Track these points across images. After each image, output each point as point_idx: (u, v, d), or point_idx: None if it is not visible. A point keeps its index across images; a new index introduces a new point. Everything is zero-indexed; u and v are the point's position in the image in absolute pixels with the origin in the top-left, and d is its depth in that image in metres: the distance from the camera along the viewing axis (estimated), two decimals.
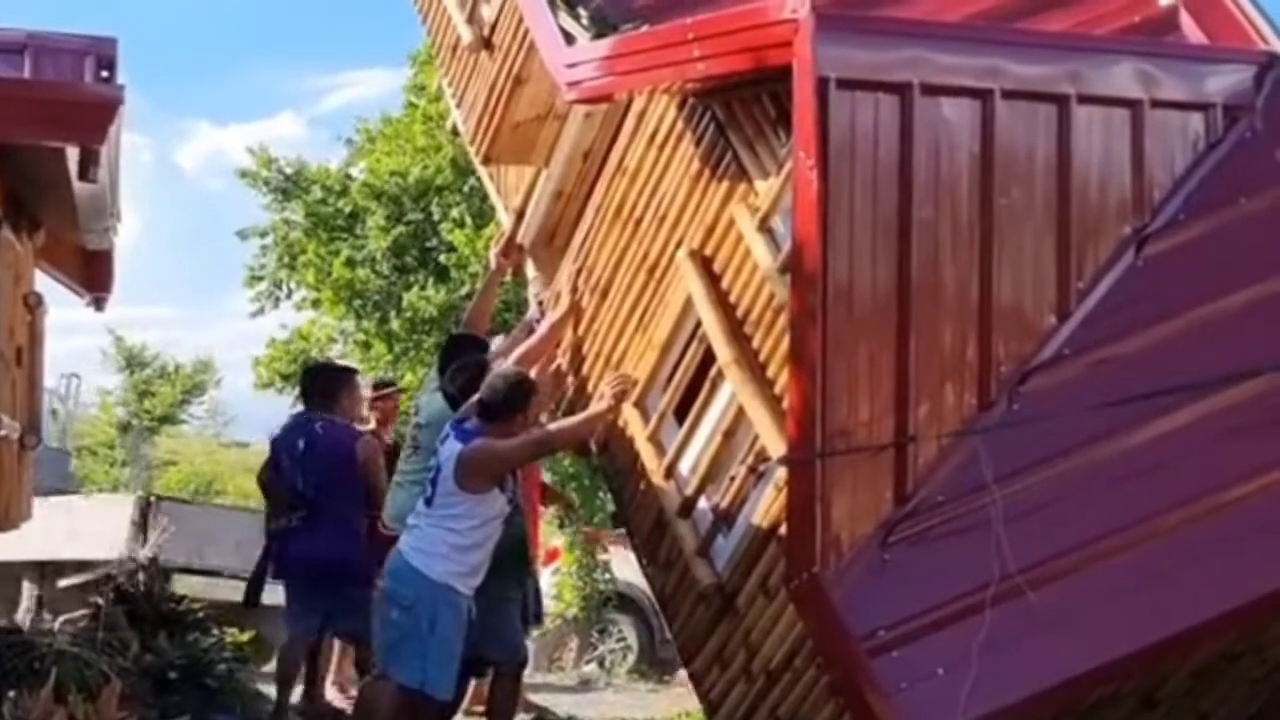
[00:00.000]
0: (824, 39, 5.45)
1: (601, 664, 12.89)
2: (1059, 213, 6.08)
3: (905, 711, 5.21)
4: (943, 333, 5.82)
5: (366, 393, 9.39)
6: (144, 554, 8.83)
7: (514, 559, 7.43)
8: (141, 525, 11.15)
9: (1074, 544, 5.52)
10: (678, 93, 6.86)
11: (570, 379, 7.98)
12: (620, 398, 7.23)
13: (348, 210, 22.90)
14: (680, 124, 7.21)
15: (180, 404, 32.86)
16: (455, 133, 10.42)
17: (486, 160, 8.95)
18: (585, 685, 12.12)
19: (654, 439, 7.20)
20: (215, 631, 8.35)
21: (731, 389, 6.61)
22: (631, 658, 13.23)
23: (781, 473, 6.11)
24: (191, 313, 70.64)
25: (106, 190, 6.53)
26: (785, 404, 6.00)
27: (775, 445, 6.16)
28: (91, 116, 5.84)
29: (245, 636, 8.79)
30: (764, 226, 6.53)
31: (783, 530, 6.07)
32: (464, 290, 20.53)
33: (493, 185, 9.81)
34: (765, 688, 6.37)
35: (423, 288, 21.68)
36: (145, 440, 32.13)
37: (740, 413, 6.56)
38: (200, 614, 8.39)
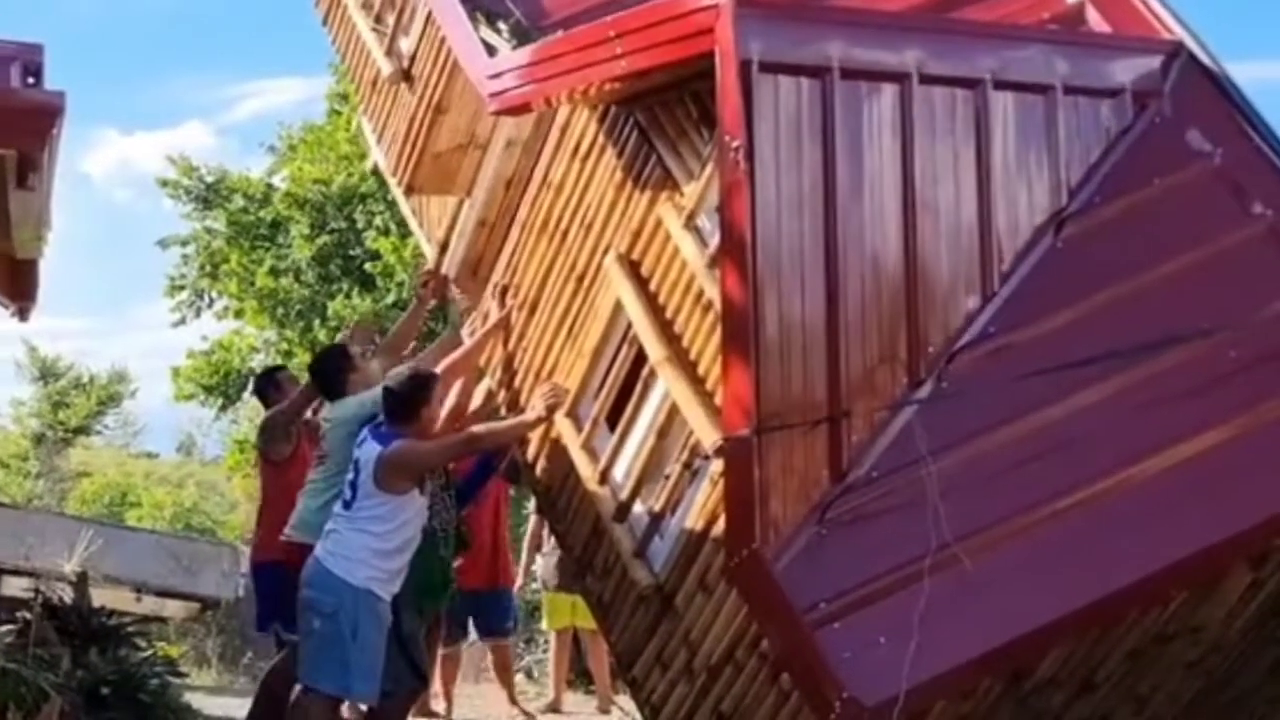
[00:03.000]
0: (745, 23, 5.56)
1: (529, 674, 12.80)
2: (980, 196, 6.20)
3: (850, 681, 5.24)
4: (871, 314, 5.90)
5: None
6: (71, 567, 8.69)
7: (433, 586, 7.49)
8: None
9: (1006, 514, 5.60)
10: (601, 99, 6.95)
11: (501, 395, 8.00)
12: (552, 408, 7.26)
13: (270, 219, 22.72)
14: (604, 133, 7.30)
15: (96, 415, 32.44)
16: (375, 172, 10.47)
17: (409, 190, 8.97)
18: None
19: (587, 446, 7.23)
20: (147, 646, 8.23)
21: (664, 388, 6.66)
22: None
23: (716, 467, 6.17)
24: (104, 323, 69.30)
25: (45, 198, 6.47)
26: (718, 399, 6.06)
27: (709, 440, 6.21)
28: (32, 123, 5.79)
29: (177, 650, 8.68)
30: (690, 224, 6.62)
31: (720, 525, 6.12)
32: (389, 299, 20.42)
33: (415, 220, 9.86)
34: (707, 684, 6.37)
35: (348, 296, 21.49)
36: (59, 452, 31.70)
37: (673, 411, 6.60)
38: (131, 628, 8.27)
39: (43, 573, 8.98)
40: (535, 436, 7.68)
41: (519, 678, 12.19)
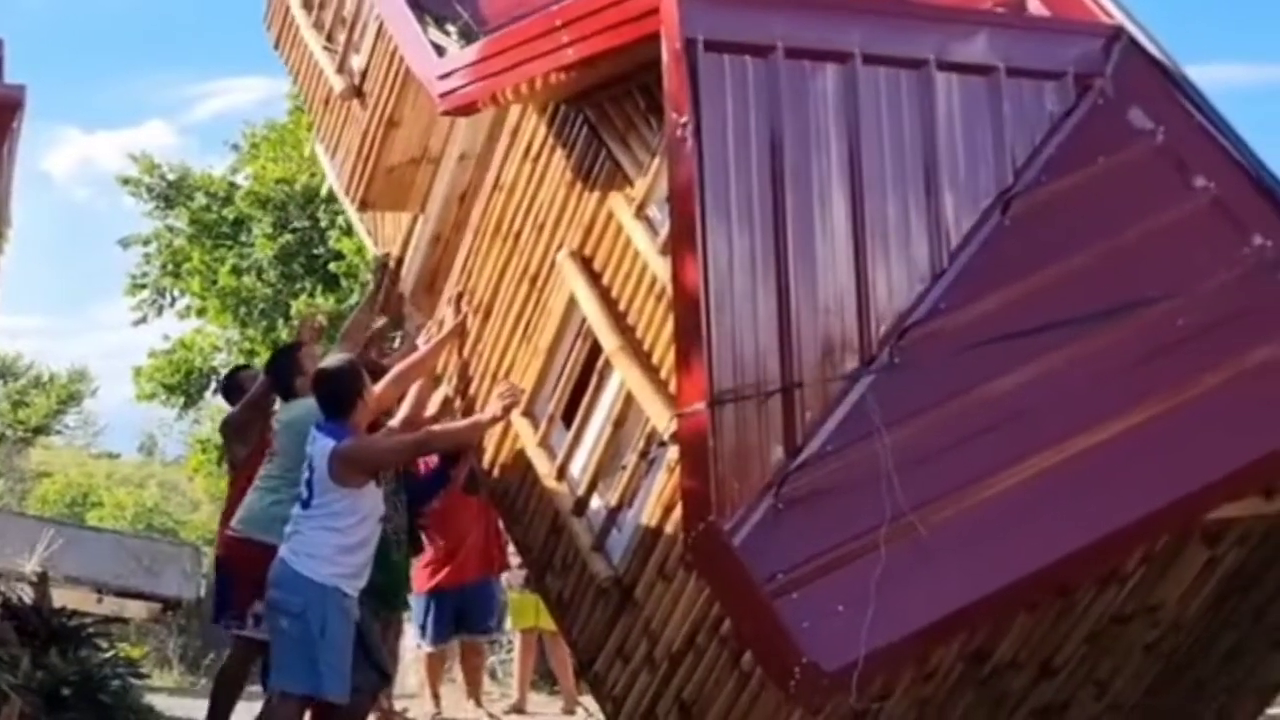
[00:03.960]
0: (689, 2, 5.62)
1: (493, 675, 12.72)
2: (927, 176, 6.26)
3: (809, 647, 5.22)
4: (822, 291, 5.93)
5: None
6: (31, 568, 8.62)
7: (387, 589, 7.48)
8: None
9: (959, 484, 5.60)
10: (551, 94, 7.01)
11: (458, 403, 8.00)
12: (508, 407, 7.27)
13: (233, 217, 22.57)
14: (554, 133, 7.37)
15: (56, 414, 32.10)
16: (331, 198, 10.48)
17: (363, 206, 8.99)
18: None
19: (544, 444, 7.25)
20: (108, 647, 8.17)
21: (620, 378, 6.69)
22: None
23: (673, 454, 6.19)
24: (63, 323, 68.96)
25: (4, 194, 6.43)
26: (674, 387, 6.07)
27: (665, 427, 6.24)
28: None
29: (136, 651, 8.62)
30: (641, 214, 6.68)
31: (677, 513, 6.13)
32: (353, 299, 20.30)
33: (370, 239, 9.88)
34: (669, 673, 6.38)
35: (311, 295, 21.30)
36: (19, 452, 31.34)
37: (629, 400, 6.64)
38: (92, 629, 8.20)
39: (2, 573, 8.89)
40: (492, 442, 7.70)
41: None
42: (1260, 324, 5.83)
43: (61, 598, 9.24)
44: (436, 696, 10.30)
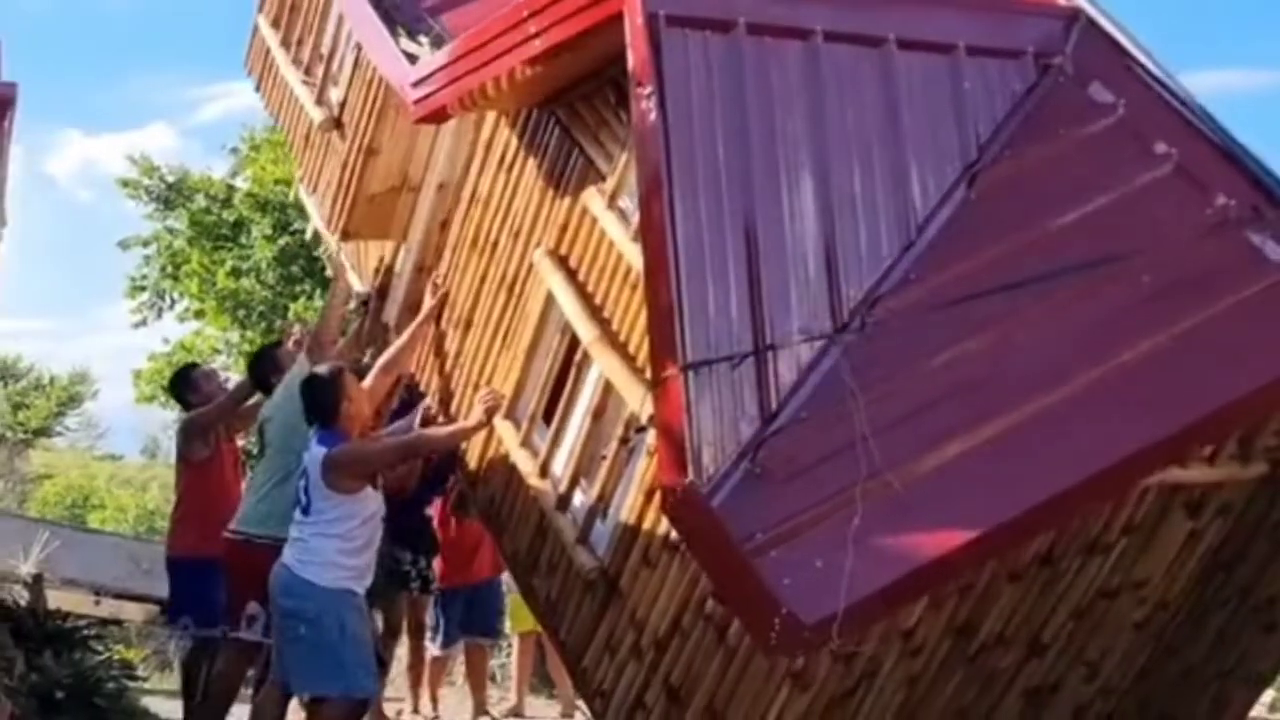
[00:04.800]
0: None
1: (491, 678, 12.63)
2: (892, 152, 6.35)
3: (790, 603, 5.22)
4: (791, 260, 5.99)
5: None
6: (27, 569, 8.61)
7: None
8: None
9: (933, 441, 5.63)
10: (522, 94, 7.11)
11: (440, 418, 8.04)
12: (491, 411, 7.33)
13: (232, 220, 22.56)
14: (527, 139, 7.49)
15: (56, 416, 31.94)
16: (316, 241, 10.56)
17: (345, 235, 9.08)
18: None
19: (526, 443, 7.30)
20: (103, 649, 8.15)
21: (597, 370, 6.75)
22: None
23: (651, 438, 6.23)
24: (65, 325, 68.94)
25: None
26: (649, 373, 6.12)
27: (643, 411, 6.29)
28: None
29: (134, 654, 8.60)
30: (613, 205, 6.77)
31: (658, 497, 6.17)
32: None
33: (356, 275, 9.95)
34: (655, 659, 6.39)
35: (309, 298, 21.39)
36: (19, 454, 31.15)
37: (608, 390, 6.69)
38: (86, 631, 8.20)
39: None
40: (476, 452, 7.73)
41: None
42: (1226, 278, 5.88)
43: (59, 600, 9.23)
44: (435, 700, 10.25)
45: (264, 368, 7.93)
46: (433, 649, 10.08)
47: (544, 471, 7.11)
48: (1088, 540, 6.55)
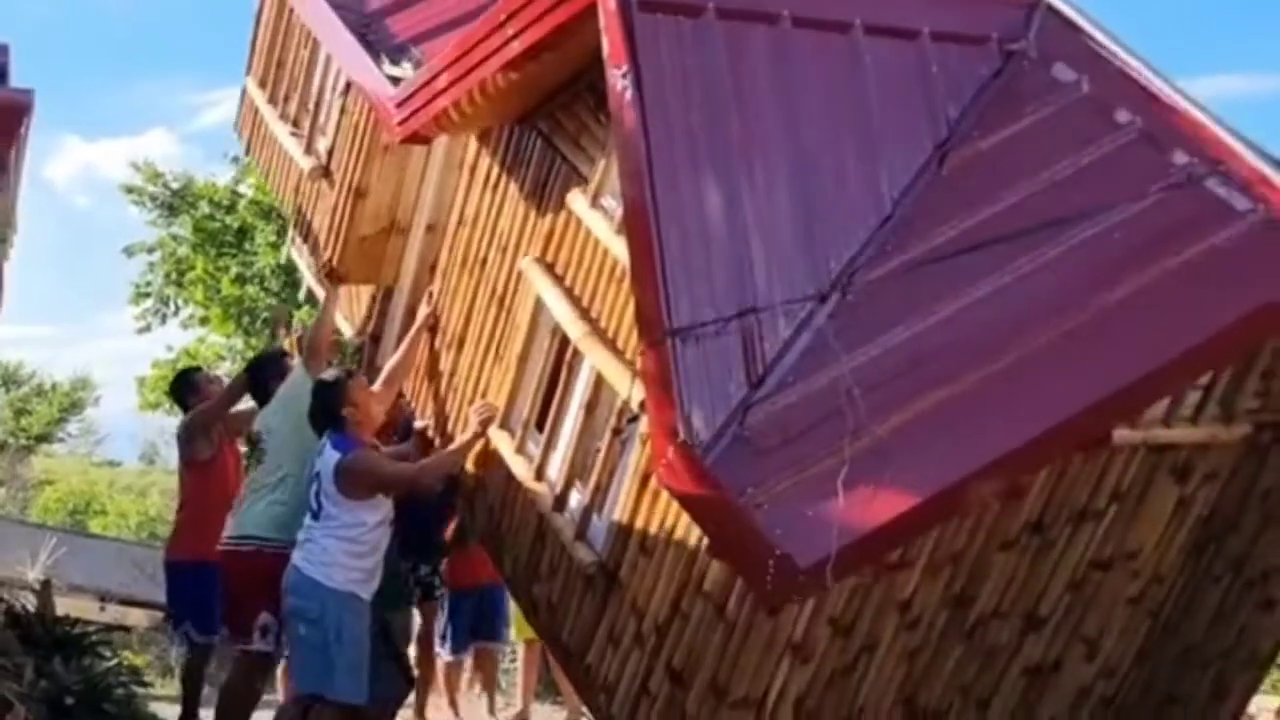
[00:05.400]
0: None
1: (497, 684, 12.53)
2: (863, 133, 6.54)
3: (784, 546, 5.31)
4: (773, 234, 6.15)
5: None
6: (35, 575, 8.63)
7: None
8: None
9: (916, 394, 5.76)
10: (504, 103, 7.29)
11: (437, 442, 8.14)
12: (486, 422, 7.45)
13: (236, 226, 22.44)
14: (510, 155, 7.66)
15: (58, 422, 31.62)
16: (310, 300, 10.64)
17: (337, 279, 9.20)
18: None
19: (522, 450, 7.39)
20: (111, 654, 8.16)
21: (588, 366, 6.87)
22: None
23: (643, 426, 6.35)
24: (67, 331, 67.99)
25: (11, 200, 6.56)
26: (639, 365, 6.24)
27: (634, 399, 6.40)
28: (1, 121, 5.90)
29: (141, 660, 8.60)
30: (597, 203, 6.94)
31: (653, 485, 6.28)
32: None
33: (347, 324, 10.08)
34: (657, 644, 6.45)
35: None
36: (21, 460, 30.83)
37: (599, 384, 6.81)
38: (95, 637, 8.21)
39: (5, 581, 8.91)
40: (472, 465, 7.81)
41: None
42: (1190, 229, 6.03)
43: (64, 606, 9.22)
44: (454, 705, 10.23)
45: (268, 372, 8.01)
46: (444, 655, 10.09)
47: (540, 474, 7.21)
48: (1077, 507, 6.65)
